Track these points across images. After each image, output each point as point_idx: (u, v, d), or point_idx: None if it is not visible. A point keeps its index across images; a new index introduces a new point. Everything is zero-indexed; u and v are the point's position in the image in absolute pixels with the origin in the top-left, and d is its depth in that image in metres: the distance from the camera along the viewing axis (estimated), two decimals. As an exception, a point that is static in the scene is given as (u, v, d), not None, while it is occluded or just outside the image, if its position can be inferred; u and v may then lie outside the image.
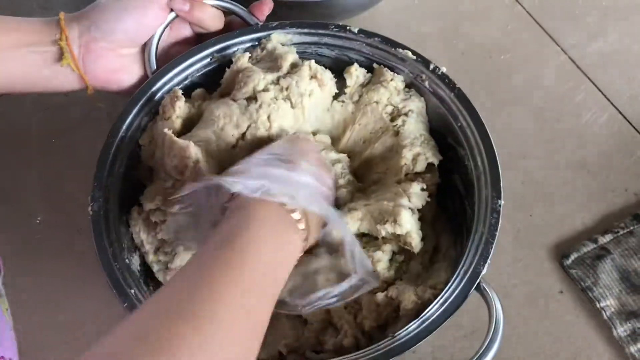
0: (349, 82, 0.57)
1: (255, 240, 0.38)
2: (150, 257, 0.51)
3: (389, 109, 0.56)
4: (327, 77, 0.55)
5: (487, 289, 0.46)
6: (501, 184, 0.49)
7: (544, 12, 0.73)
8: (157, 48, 0.55)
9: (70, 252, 0.59)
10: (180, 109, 0.53)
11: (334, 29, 0.57)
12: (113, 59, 0.54)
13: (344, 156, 0.55)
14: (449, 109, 0.54)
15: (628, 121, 0.65)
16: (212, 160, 0.51)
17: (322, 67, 0.56)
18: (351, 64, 0.57)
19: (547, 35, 0.72)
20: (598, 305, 0.54)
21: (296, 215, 0.42)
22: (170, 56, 0.56)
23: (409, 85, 0.57)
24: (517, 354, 0.54)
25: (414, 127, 0.55)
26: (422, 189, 0.51)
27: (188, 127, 0.54)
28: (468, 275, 0.46)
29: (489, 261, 0.46)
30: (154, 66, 0.55)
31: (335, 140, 0.57)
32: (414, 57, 0.56)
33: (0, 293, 0.48)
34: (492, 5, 0.74)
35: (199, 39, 0.58)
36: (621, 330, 0.53)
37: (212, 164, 0.51)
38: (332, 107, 0.57)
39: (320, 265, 0.48)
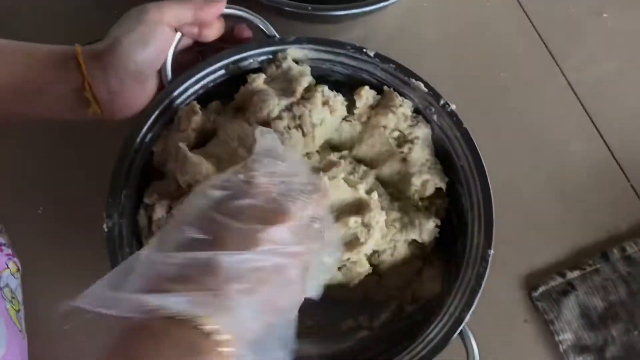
0: (358, 103, 0.57)
1: None
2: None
3: (396, 134, 0.57)
4: (339, 102, 0.56)
5: (468, 335, 0.49)
6: (493, 235, 0.52)
7: (550, 28, 0.73)
8: (172, 59, 0.55)
9: (72, 242, 0.60)
10: (197, 123, 0.54)
11: (350, 50, 0.57)
12: (137, 91, 0.53)
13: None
14: (453, 147, 0.56)
15: (612, 155, 0.67)
16: None
17: (334, 92, 0.56)
18: (363, 82, 0.58)
19: (549, 54, 0.72)
20: (557, 338, 0.59)
21: (210, 328, 0.32)
22: (178, 64, 0.56)
23: (416, 110, 0.58)
24: None
25: (420, 154, 0.56)
26: (436, 226, 0.55)
27: (201, 140, 0.55)
28: (452, 320, 0.49)
29: (473, 308, 0.50)
30: (170, 76, 0.55)
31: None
32: (426, 90, 0.56)
33: (14, 295, 0.50)
34: (499, 16, 0.73)
35: (197, 44, 0.58)
36: (573, 363, 0.58)
37: None
38: (340, 126, 0.58)
39: None
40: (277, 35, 0.58)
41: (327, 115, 0.55)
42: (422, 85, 0.56)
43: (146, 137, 0.54)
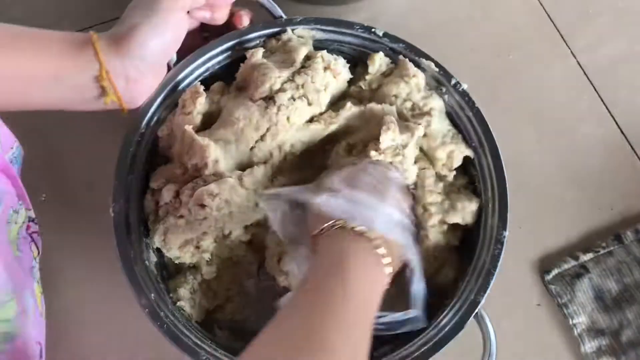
0: (371, 69, 0.56)
1: (355, 280, 0.41)
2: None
3: (408, 104, 0.55)
4: (340, 64, 0.55)
5: (485, 318, 0.48)
6: (508, 216, 0.51)
7: (559, 7, 0.71)
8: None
9: (77, 228, 0.59)
10: (201, 105, 0.53)
11: (359, 30, 0.56)
12: (153, 79, 0.52)
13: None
14: (465, 128, 0.54)
15: (625, 136, 0.66)
16: (231, 160, 0.52)
17: (334, 56, 0.55)
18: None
19: (558, 33, 0.70)
20: (571, 322, 0.58)
21: (381, 251, 0.44)
22: (183, 47, 0.54)
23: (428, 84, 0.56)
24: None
25: (439, 125, 0.55)
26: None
27: (207, 122, 0.54)
28: (467, 303, 0.48)
29: (488, 291, 0.49)
30: (175, 59, 0.54)
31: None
32: (437, 70, 0.55)
33: (34, 277, 0.50)
34: (507, -5, 0.72)
35: (202, 27, 0.57)
36: (588, 346, 0.57)
37: (230, 164, 0.52)
38: (349, 93, 0.57)
39: None
40: (284, 16, 0.57)
41: (331, 79, 0.54)
42: (432, 64, 0.55)
43: (151, 122, 0.53)
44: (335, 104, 0.56)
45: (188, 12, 0.52)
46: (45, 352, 0.49)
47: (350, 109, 0.53)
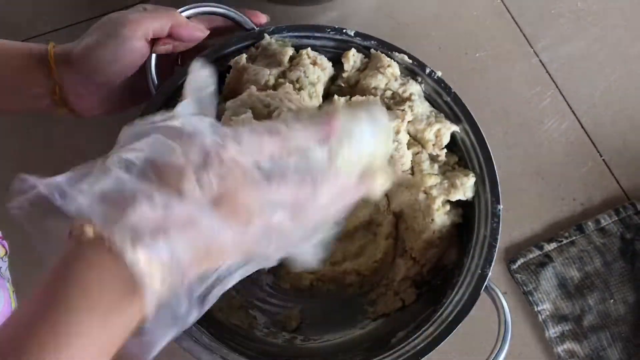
0: (346, 66, 0.58)
1: (78, 323, 0.29)
2: None
3: (388, 93, 0.57)
4: (325, 60, 0.57)
5: (495, 290, 0.50)
6: (499, 189, 0.53)
7: (522, 8, 0.74)
8: (155, 66, 0.54)
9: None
10: None
11: (331, 32, 0.58)
12: (99, 97, 0.54)
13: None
14: (445, 113, 0.57)
15: (585, 131, 0.69)
16: None
17: (316, 52, 0.57)
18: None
19: (522, 34, 0.73)
20: (536, 309, 0.61)
21: (145, 267, 0.30)
22: (161, 68, 0.55)
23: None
24: (455, 347, 0.59)
25: (421, 108, 0.56)
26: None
27: None
28: (475, 278, 0.50)
29: (493, 263, 0.50)
30: (155, 81, 0.54)
31: None
32: (410, 61, 0.57)
33: (2, 276, 0.50)
34: (473, -4, 0.75)
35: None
36: (552, 332, 0.60)
37: None
38: (330, 91, 0.58)
39: None
40: (256, 27, 0.58)
41: (320, 73, 0.55)
42: (405, 57, 0.57)
43: None
44: (323, 100, 0.57)
45: (154, 39, 0.53)
46: None
47: (339, 101, 0.55)
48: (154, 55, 0.54)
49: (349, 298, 0.56)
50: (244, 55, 0.56)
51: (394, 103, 0.56)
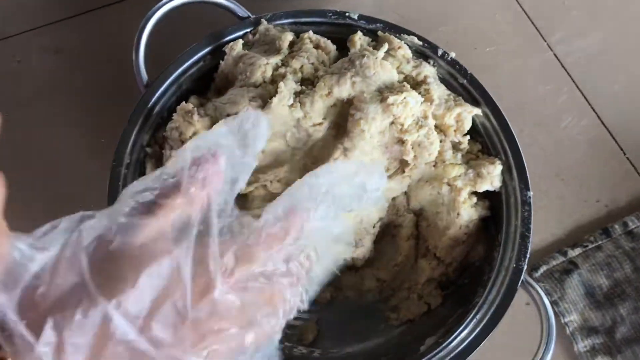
0: (352, 51, 0.53)
1: None
2: None
3: (400, 77, 0.51)
4: (329, 43, 0.52)
5: (532, 284, 0.45)
6: (527, 174, 0.48)
7: (534, 1, 0.70)
8: (144, 57, 0.50)
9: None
10: (200, 122, 0.47)
11: (332, 17, 0.53)
12: None
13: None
14: (462, 97, 0.52)
15: (606, 127, 0.64)
16: None
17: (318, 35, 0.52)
18: None
19: (534, 27, 0.69)
20: (562, 320, 0.55)
21: None
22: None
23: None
24: (490, 350, 0.54)
25: (438, 91, 0.51)
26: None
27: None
28: (510, 273, 0.45)
29: (528, 256, 0.46)
30: (145, 77, 0.50)
31: None
32: (421, 43, 0.52)
33: None
34: (481, -10, 0.71)
35: None
36: (582, 345, 0.54)
37: None
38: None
39: None
40: (251, 15, 0.54)
41: (325, 57, 0.51)
42: (415, 38, 0.52)
43: (135, 146, 0.49)
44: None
45: None
46: None
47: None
48: (142, 48, 0.49)
49: (368, 305, 0.51)
50: (240, 41, 0.51)
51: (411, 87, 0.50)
